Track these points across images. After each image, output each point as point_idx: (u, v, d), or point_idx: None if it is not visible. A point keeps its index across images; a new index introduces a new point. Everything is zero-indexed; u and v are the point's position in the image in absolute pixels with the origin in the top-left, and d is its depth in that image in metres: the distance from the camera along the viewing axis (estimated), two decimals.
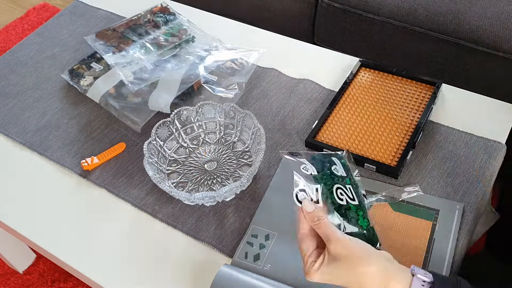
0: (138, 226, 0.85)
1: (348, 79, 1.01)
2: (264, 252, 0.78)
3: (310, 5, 1.52)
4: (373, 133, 0.92)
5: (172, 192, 0.81)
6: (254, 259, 0.78)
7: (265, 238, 0.80)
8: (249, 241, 0.80)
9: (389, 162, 0.87)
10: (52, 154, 0.97)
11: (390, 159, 0.88)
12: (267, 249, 0.79)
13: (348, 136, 0.92)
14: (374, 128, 0.93)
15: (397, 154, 0.88)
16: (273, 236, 0.80)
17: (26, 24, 2.25)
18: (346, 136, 0.92)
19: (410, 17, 1.33)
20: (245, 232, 0.82)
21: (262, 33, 1.18)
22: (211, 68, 1.04)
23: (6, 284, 1.40)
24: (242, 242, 0.80)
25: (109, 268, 0.81)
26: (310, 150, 0.93)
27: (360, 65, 1.04)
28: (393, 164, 0.87)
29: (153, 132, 0.90)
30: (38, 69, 1.15)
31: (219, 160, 0.92)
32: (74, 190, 0.92)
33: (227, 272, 0.74)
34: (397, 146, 0.89)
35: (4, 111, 1.06)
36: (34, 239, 0.86)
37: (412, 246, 0.77)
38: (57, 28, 1.25)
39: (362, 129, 0.93)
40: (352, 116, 0.95)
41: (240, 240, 0.81)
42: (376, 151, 0.89)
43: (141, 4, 1.21)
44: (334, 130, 0.94)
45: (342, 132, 0.93)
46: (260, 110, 1.00)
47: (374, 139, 0.91)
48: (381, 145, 0.90)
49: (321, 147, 0.91)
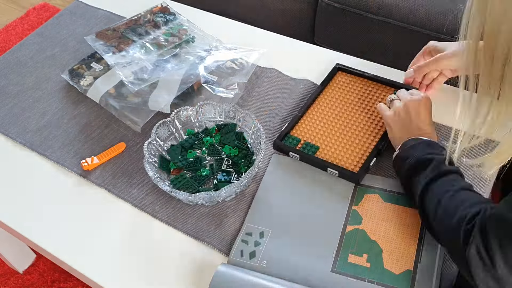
0: (138, 226, 0.85)
1: (323, 84, 1.01)
2: (260, 249, 0.79)
3: (310, 5, 1.52)
4: (340, 138, 0.91)
5: (172, 192, 0.81)
6: (250, 257, 0.78)
7: (260, 236, 0.81)
8: (244, 239, 0.81)
9: (352, 168, 0.87)
10: (52, 154, 0.97)
11: (353, 165, 0.87)
12: (262, 246, 0.79)
13: (315, 140, 0.92)
14: (342, 133, 0.92)
15: (361, 160, 0.88)
16: (268, 233, 0.81)
17: (26, 24, 2.25)
18: (313, 140, 0.92)
19: (410, 17, 1.33)
20: (239, 231, 0.82)
21: (262, 33, 1.18)
22: (211, 68, 1.04)
23: (6, 284, 1.40)
24: (237, 240, 0.81)
25: (109, 268, 0.81)
26: (277, 152, 0.92)
27: (337, 69, 1.03)
28: (355, 170, 0.86)
29: (153, 132, 0.90)
30: (38, 69, 1.15)
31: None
32: (74, 190, 0.92)
33: (225, 272, 0.75)
34: (362, 152, 0.89)
35: (4, 111, 1.06)
36: (34, 239, 0.86)
37: (405, 235, 0.78)
38: (57, 28, 1.25)
39: (330, 134, 0.92)
40: (322, 121, 0.95)
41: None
42: (340, 156, 0.89)
43: (141, 4, 1.21)
44: (303, 134, 0.93)
45: (310, 136, 0.93)
46: (260, 110, 1.00)
47: (340, 144, 0.91)
48: (346, 150, 0.89)
49: (287, 150, 0.91)
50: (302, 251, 0.78)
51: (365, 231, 0.79)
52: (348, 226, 0.80)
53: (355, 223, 0.81)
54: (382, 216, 0.81)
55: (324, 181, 0.87)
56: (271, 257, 0.78)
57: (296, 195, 0.86)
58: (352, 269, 0.75)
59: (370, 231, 0.79)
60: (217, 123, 0.96)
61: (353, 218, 0.81)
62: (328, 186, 0.86)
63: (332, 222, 0.81)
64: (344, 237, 0.79)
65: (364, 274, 0.74)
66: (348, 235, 0.79)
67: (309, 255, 0.77)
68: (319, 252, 0.78)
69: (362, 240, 0.78)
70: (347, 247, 0.78)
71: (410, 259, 0.75)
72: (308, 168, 0.89)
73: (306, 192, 0.86)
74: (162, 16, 1.15)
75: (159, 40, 1.08)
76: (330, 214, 0.82)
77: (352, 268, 0.75)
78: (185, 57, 1.05)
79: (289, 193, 0.86)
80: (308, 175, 0.88)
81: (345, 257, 0.77)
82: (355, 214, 0.82)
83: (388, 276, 0.74)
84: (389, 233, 0.79)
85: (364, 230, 0.79)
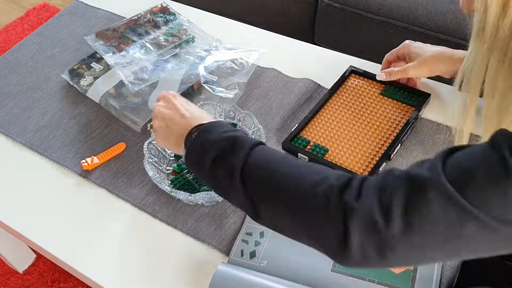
0: (138, 226, 0.85)
1: (335, 86, 1.01)
2: (260, 249, 0.79)
3: (310, 5, 1.52)
4: (350, 141, 0.91)
5: (172, 192, 0.81)
6: (250, 257, 0.78)
7: (260, 235, 0.81)
8: (244, 239, 0.81)
9: (361, 172, 0.86)
10: (52, 154, 0.97)
11: (362, 169, 0.87)
12: (262, 246, 0.79)
13: (325, 142, 0.92)
14: (352, 137, 0.92)
15: (370, 164, 0.87)
16: (268, 232, 0.81)
17: (26, 24, 2.25)
18: (323, 142, 0.92)
19: (410, 17, 1.33)
20: (239, 231, 0.82)
21: (262, 33, 1.18)
22: (211, 68, 1.04)
23: (6, 284, 1.40)
24: (237, 240, 0.81)
25: (109, 268, 0.81)
26: (288, 153, 0.92)
27: (350, 71, 1.03)
28: (364, 174, 0.86)
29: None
30: (38, 69, 1.15)
31: None
32: (74, 190, 0.92)
33: (225, 271, 0.75)
34: (372, 157, 0.88)
35: (4, 111, 1.06)
36: (34, 239, 0.86)
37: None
38: (57, 28, 1.25)
39: (340, 137, 0.92)
40: (332, 123, 0.95)
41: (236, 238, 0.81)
42: (349, 160, 0.88)
43: (141, 4, 1.21)
44: (312, 136, 0.93)
45: (320, 138, 0.93)
46: (260, 110, 1.00)
47: (350, 147, 0.90)
48: (355, 154, 0.89)
49: (296, 151, 0.91)
50: (302, 251, 0.77)
51: None
52: None
53: None
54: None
55: None
56: (271, 256, 0.78)
57: None
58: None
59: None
60: None
61: None
62: None
63: None
64: None
65: (364, 273, 0.74)
66: None
67: (309, 254, 0.77)
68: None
69: None
70: None
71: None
72: None
73: None
74: (162, 16, 1.15)
75: (159, 40, 1.08)
76: None
77: None
78: (185, 57, 1.05)
79: None
80: None
81: None
82: None
83: (388, 275, 0.74)
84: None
85: None
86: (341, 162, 0.88)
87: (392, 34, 1.38)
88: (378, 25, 1.39)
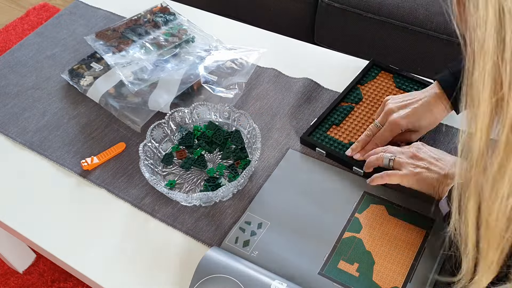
0: (138, 226, 0.85)
1: (361, 80, 1.00)
2: (254, 239, 0.80)
3: (310, 5, 1.52)
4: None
5: (169, 193, 0.81)
6: (244, 245, 0.79)
7: (258, 226, 0.81)
8: (241, 227, 0.81)
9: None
10: (52, 154, 0.97)
11: None
12: (257, 237, 0.80)
13: (343, 137, 0.92)
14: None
15: None
16: (266, 225, 0.81)
17: (26, 24, 2.25)
18: (341, 137, 0.92)
19: (410, 17, 1.33)
20: (239, 218, 0.83)
21: (262, 33, 1.18)
22: (211, 68, 1.04)
23: (6, 284, 1.40)
24: (234, 227, 0.82)
25: (108, 268, 0.81)
26: (305, 147, 0.92)
27: (380, 68, 1.02)
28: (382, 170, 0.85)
29: (148, 134, 0.90)
30: (38, 69, 1.15)
31: (215, 160, 0.92)
32: (74, 190, 0.92)
33: (212, 255, 0.76)
34: None
35: (4, 111, 1.06)
36: (34, 239, 0.86)
37: (402, 252, 0.77)
38: (57, 28, 1.25)
39: (358, 132, 0.92)
40: (352, 118, 0.95)
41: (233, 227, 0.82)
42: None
43: (141, 4, 1.21)
44: (331, 130, 0.94)
45: (338, 133, 0.93)
46: (260, 110, 1.00)
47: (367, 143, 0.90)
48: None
49: (314, 145, 0.91)
50: (295, 249, 0.78)
51: (362, 240, 0.78)
52: (346, 233, 0.80)
53: (354, 230, 0.80)
54: (383, 229, 0.79)
55: (333, 185, 0.86)
56: (263, 248, 0.78)
57: (302, 194, 0.85)
58: (340, 275, 0.75)
59: (367, 242, 0.78)
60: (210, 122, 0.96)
61: (353, 226, 0.80)
62: (336, 190, 0.85)
63: (331, 225, 0.81)
64: (340, 242, 0.79)
65: (351, 283, 0.74)
66: (344, 241, 0.79)
67: (301, 253, 0.77)
68: (311, 252, 0.78)
69: (357, 248, 0.78)
70: (340, 253, 0.77)
71: (401, 276, 0.74)
72: (320, 168, 0.89)
73: (312, 192, 0.85)
74: (162, 16, 1.15)
75: (159, 40, 1.08)
76: (331, 218, 0.82)
77: (340, 275, 0.75)
78: (185, 57, 1.05)
79: (295, 190, 0.86)
80: (318, 175, 0.88)
81: (336, 262, 0.76)
82: (356, 222, 0.81)
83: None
84: (385, 247, 0.77)
85: (361, 239, 0.78)
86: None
87: (392, 34, 1.38)
88: (378, 25, 1.39)
